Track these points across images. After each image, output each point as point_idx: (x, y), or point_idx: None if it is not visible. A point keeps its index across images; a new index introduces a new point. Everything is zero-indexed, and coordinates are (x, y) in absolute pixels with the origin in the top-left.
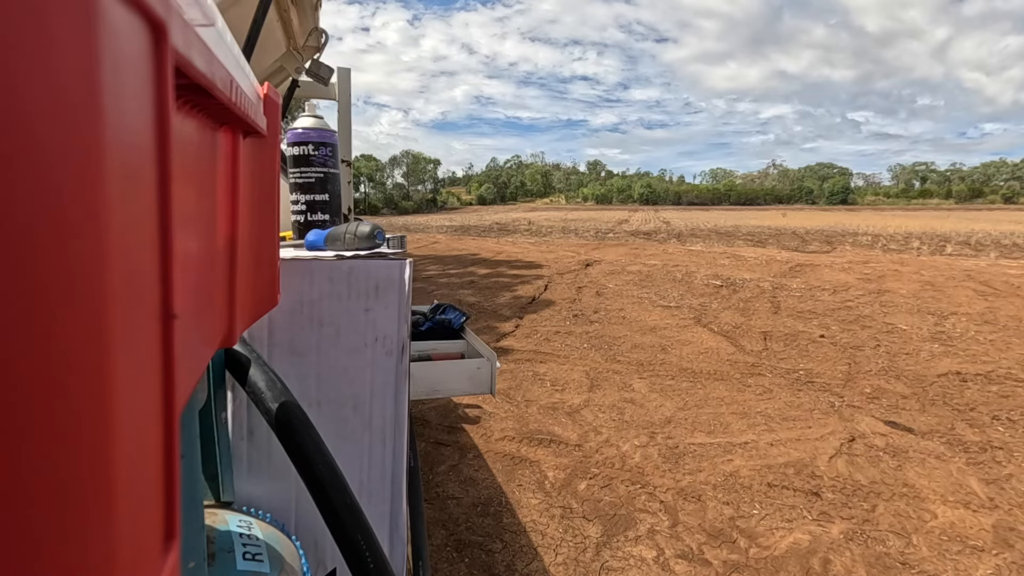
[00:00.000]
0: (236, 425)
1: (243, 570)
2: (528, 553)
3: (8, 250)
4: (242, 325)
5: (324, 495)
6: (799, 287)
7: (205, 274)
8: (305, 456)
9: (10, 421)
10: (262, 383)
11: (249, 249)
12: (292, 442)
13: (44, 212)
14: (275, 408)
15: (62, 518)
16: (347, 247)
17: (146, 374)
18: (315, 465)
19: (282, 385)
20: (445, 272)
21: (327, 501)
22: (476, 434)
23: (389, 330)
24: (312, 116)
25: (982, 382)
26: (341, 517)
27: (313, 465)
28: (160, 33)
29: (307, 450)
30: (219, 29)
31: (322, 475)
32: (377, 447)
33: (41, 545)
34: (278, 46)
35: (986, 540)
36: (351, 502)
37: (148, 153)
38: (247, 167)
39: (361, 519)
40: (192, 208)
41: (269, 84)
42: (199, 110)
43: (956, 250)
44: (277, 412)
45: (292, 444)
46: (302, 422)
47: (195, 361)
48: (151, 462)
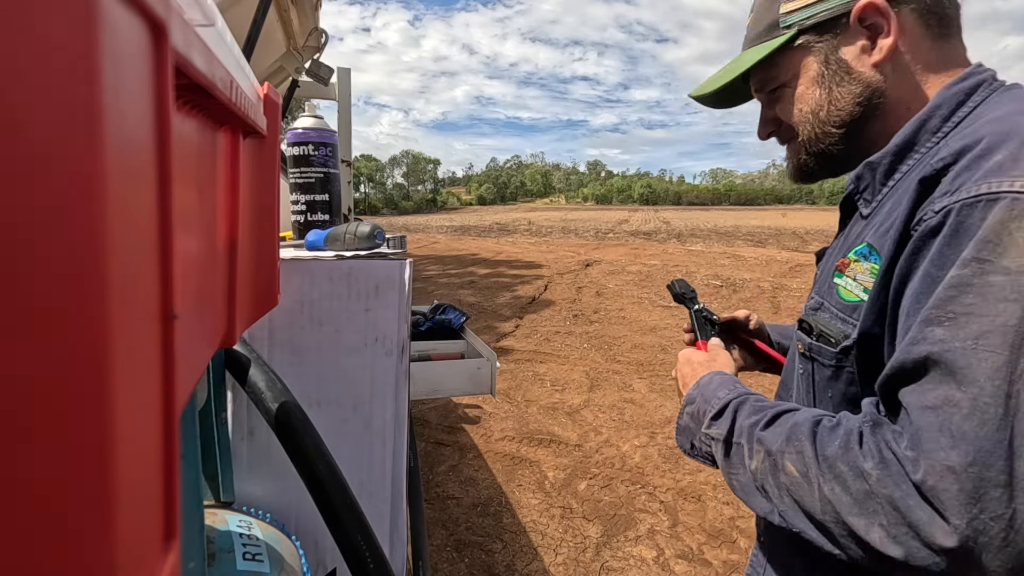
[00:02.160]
0: (236, 425)
1: (243, 570)
2: (528, 553)
3: (8, 250)
4: (242, 325)
5: (324, 495)
6: (799, 287)
7: (205, 274)
8: (305, 456)
9: (10, 421)
10: (262, 383)
11: (249, 249)
12: (292, 442)
13: (44, 212)
14: (275, 408)
15: (61, 518)
16: (347, 247)
17: (146, 374)
18: (315, 465)
19: (282, 385)
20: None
21: (327, 501)
22: (476, 434)
23: (389, 330)
24: (312, 116)
25: None
26: (341, 517)
27: (313, 465)
28: (160, 33)
29: (307, 450)
30: (219, 29)
31: (322, 475)
32: (377, 447)
33: (41, 545)
34: (278, 46)
35: None
36: (351, 502)
37: (148, 153)
38: (247, 167)
39: (361, 519)
40: (192, 208)
41: (269, 84)
42: (199, 110)
43: None
44: (277, 412)
45: (292, 444)
46: (302, 422)
47: (195, 361)
48: (151, 462)
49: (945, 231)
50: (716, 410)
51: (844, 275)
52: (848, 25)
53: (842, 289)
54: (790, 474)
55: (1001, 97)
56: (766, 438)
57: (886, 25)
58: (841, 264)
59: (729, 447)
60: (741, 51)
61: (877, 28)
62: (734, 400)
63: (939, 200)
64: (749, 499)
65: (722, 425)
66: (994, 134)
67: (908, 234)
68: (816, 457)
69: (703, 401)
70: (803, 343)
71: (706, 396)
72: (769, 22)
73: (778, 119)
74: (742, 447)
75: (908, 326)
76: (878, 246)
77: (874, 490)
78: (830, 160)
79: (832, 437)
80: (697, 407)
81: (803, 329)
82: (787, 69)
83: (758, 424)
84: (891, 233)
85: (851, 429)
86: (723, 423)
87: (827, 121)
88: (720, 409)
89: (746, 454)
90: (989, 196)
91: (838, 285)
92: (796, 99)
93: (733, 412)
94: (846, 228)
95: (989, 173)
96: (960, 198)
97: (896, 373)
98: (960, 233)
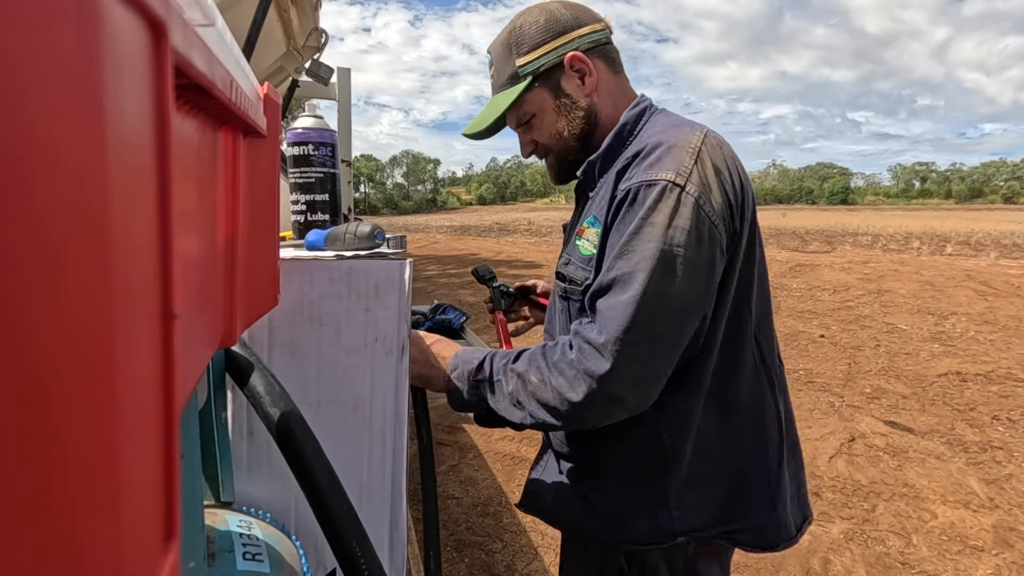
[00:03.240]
0: (236, 425)
1: (243, 570)
2: (528, 553)
3: (8, 250)
4: (242, 325)
5: (322, 502)
6: (799, 287)
7: (205, 274)
8: (302, 461)
9: (9, 421)
10: (261, 387)
11: (249, 249)
12: (290, 448)
13: (44, 213)
14: (275, 413)
15: (61, 518)
16: (347, 247)
17: (146, 374)
18: (314, 471)
19: (280, 389)
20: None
21: (325, 509)
22: (476, 434)
23: (389, 330)
24: (312, 116)
25: (982, 382)
26: (338, 525)
27: (311, 471)
28: (160, 33)
29: (306, 456)
30: (219, 29)
31: (320, 480)
32: (377, 447)
33: (40, 545)
34: (278, 46)
35: (986, 540)
36: (349, 510)
37: (148, 153)
38: (247, 167)
39: (358, 528)
40: (192, 208)
41: (269, 84)
42: (199, 110)
43: (956, 250)
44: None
45: (290, 451)
46: (300, 427)
47: (195, 361)
48: (151, 462)
49: (627, 203)
50: (476, 365)
51: (582, 238)
52: (564, 70)
53: (581, 247)
54: (533, 383)
55: (656, 118)
56: (516, 367)
57: (587, 68)
58: (580, 231)
59: (492, 384)
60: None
61: (583, 71)
62: (486, 357)
63: (623, 184)
64: (510, 416)
65: (484, 372)
66: (651, 143)
67: (611, 206)
68: (547, 365)
69: (464, 364)
70: (560, 288)
71: (466, 359)
72: (510, 74)
73: (535, 141)
74: (500, 381)
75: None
76: (598, 215)
77: (575, 366)
78: (575, 165)
79: (554, 350)
80: (461, 371)
81: (559, 278)
82: (533, 104)
83: (508, 362)
84: (603, 205)
85: (564, 341)
86: (484, 370)
87: (569, 138)
88: (479, 364)
89: (504, 383)
90: (647, 182)
91: (579, 246)
92: (545, 126)
93: (489, 363)
94: (582, 207)
95: (647, 168)
96: (633, 183)
97: (597, 290)
98: (635, 204)
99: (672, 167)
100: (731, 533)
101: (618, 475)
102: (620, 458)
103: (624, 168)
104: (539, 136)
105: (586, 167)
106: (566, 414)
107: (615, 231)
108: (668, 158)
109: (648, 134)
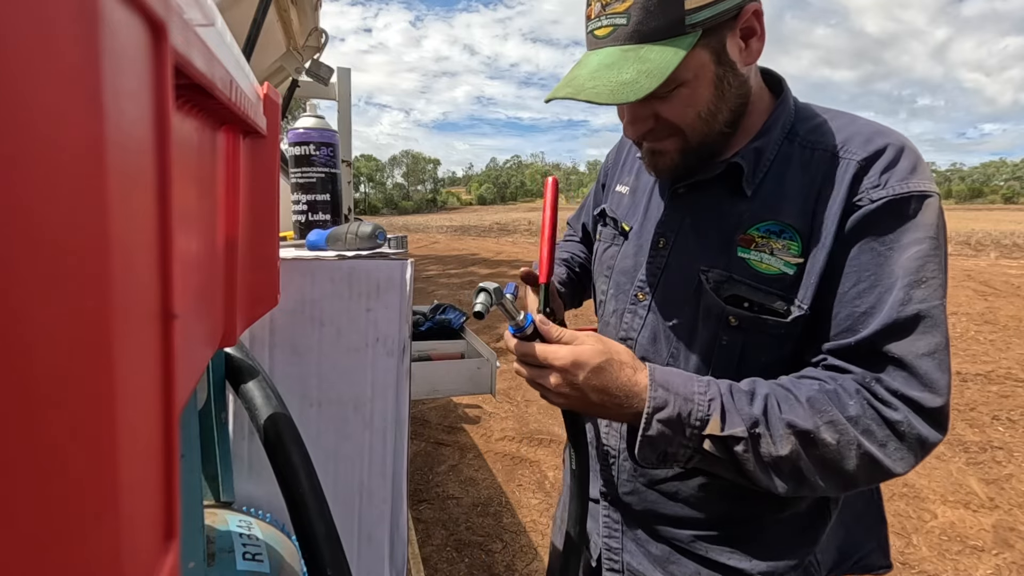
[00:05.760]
0: (236, 425)
1: (243, 570)
2: (528, 553)
3: (7, 250)
4: (242, 325)
5: (303, 518)
6: None
7: (205, 274)
8: (289, 475)
9: (9, 421)
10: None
11: (249, 249)
12: (278, 459)
13: (44, 213)
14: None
15: (60, 518)
16: (348, 247)
17: (146, 374)
18: (299, 487)
19: (277, 399)
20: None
21: (305, 525)
22: (476, 434)
23: (390, 330)
24: (313, 116)
25: (982, 382)
26: (316, 545)
27: (295, 486)
28: (160, 33)
29: (293, 468)
30: (219, 29)
31: (304, 498)
32: (378, 447)
33: (39, 545)
34: (278, 46)
35: (986, 540)
36: (330, 528)
37: (148, 153)
38: (247, 167)
39: (337, 548)
40: (192, 208)
41: (269, 84)
42: (199, 110)
43: (956, 250)
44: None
45: (278, 461)
46: (293, 439)
47: (195, 361)
48: (151, 462)
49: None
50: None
51: (752, 250)
52: (735, 27)
53: (754, 262)
54: (830, 446)
55: (802, 103)
56: (794, 421)
57: (759, 28)
58: (744, 240)
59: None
60: (621, 41)
61: (751, 31)
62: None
63: (877, 191)
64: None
65: (733, 423)
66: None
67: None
68: (848, 422)
69: (683, 403)
70: (736, 316)
71: (684, 395)
72: (674, 17)
73: (659, 117)
74: (764, 436)
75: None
76: (797, 225)
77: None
78: (711, 156)
79: (846, 401)
80: (674, 410)
81: (731, 302)
82: (689, 68)
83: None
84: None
85: (853, 390)
86: (733, 420)
87: (722, 122)
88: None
89: (772, 441)
90: (921, 193)
91: (747, 259)
92: (693, 101)
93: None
94: (688, 205)
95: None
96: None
97: (885, 330)
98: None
99: (927, 174)
100: (859, 561)
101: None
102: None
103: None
104: (673, 113)
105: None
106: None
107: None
108: (920, 164)
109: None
